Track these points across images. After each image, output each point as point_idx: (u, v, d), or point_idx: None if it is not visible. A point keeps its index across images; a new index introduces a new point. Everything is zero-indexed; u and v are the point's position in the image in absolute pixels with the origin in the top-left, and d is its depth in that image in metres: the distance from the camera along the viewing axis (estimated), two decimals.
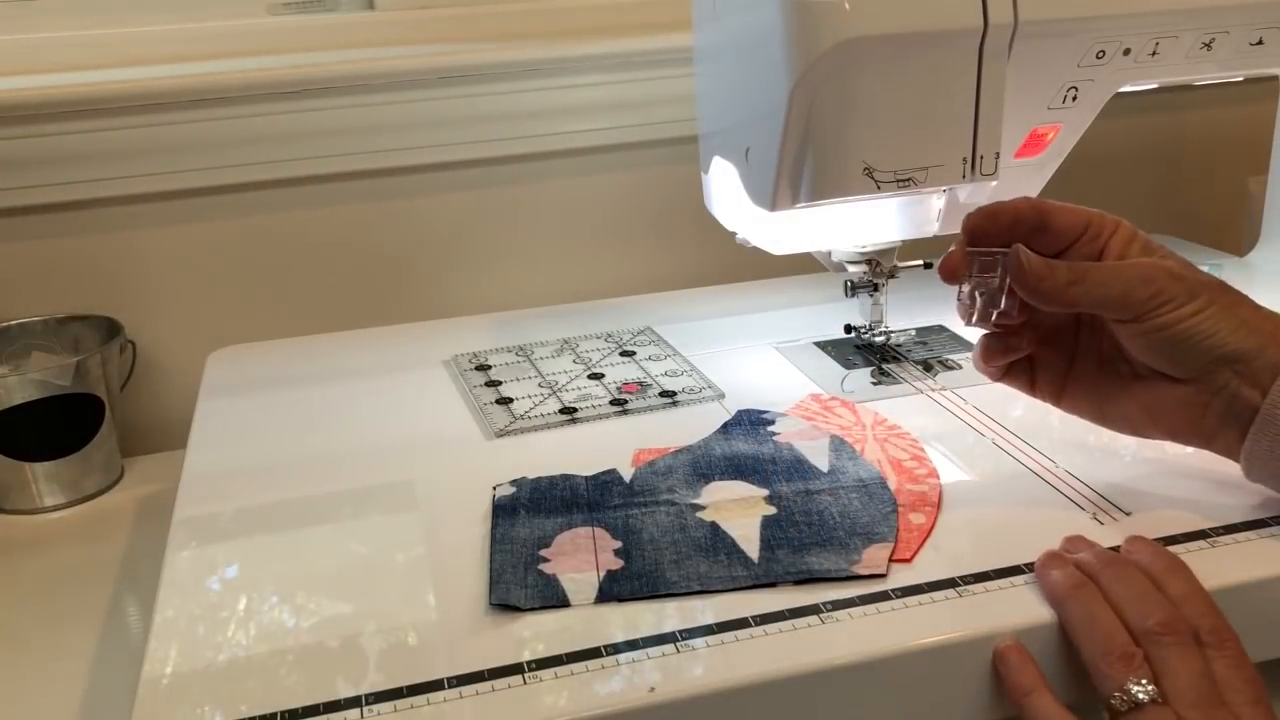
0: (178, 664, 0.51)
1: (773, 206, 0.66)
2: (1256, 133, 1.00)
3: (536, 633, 0.52)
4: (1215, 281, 0.57)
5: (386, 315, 0.97)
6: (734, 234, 0.76)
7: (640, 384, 0.78)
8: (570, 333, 0.87)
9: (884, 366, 0.79)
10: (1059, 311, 0.59)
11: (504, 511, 0.61)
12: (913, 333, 0.83)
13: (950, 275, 0.60)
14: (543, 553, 0.57)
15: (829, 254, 0.77)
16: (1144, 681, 0.47)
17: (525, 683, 0.48)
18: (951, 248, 0.61)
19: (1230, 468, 0.58)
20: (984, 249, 0.60)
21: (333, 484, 0.67)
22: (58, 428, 0.85)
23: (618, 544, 0.58)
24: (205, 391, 0.81)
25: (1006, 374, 0.63)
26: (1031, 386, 0.63)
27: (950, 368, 0.78)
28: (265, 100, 0.91)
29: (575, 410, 0.74)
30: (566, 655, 0.50)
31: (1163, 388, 0.58)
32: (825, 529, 0.58)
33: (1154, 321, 0.56)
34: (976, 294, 0.60)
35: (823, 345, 0.83)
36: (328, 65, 0.92)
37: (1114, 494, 0.61)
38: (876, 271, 0.76)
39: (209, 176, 0.93)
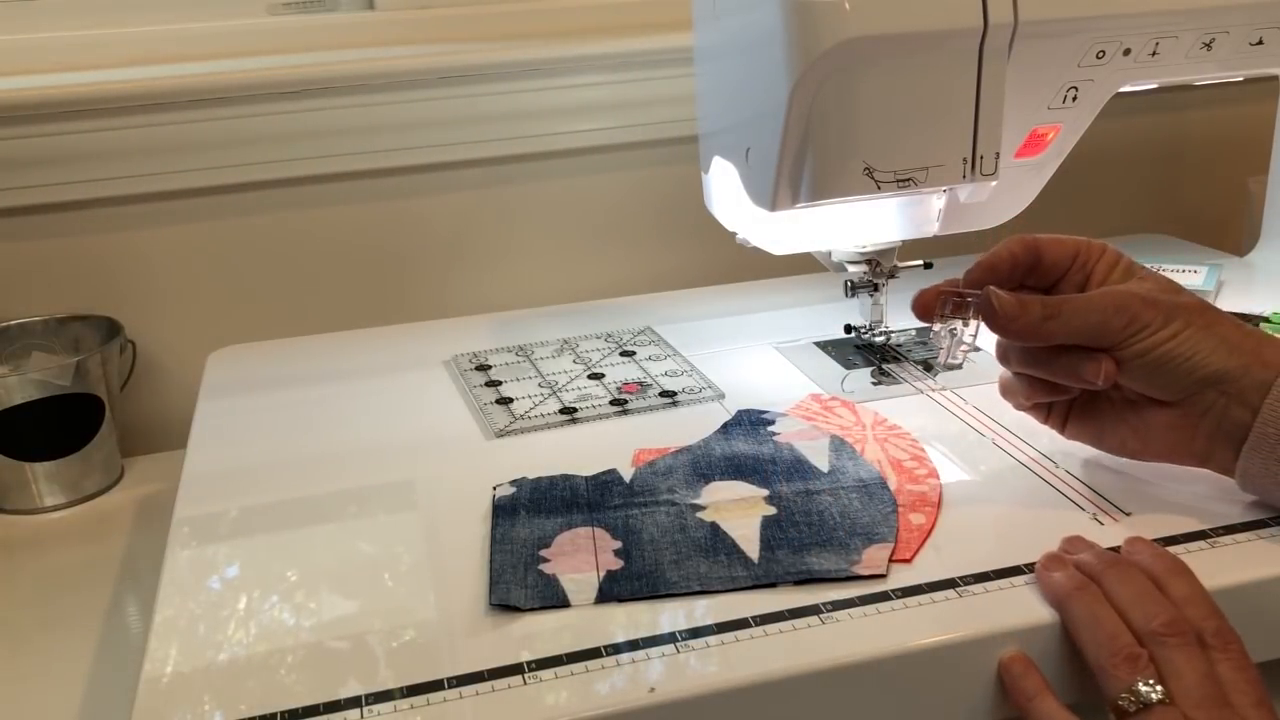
0: (178, 664, 0.51)
1: (773, 206, 0.66)
2: (1256, 133, 1.00)
3: (536, 633, 0.52)
4: (1195, 302, 0.57)
5: (387, 315, 0.97)
6: (734, 234, 0.76)
7: (640, 384, 0.77)
8: (570, 333, 0.87)
9: (884, 366, 0.79)
10: (1038, 345, 0.59)
11: (504, 511, 0.61)
12: (913, 333, 0.83)
13: (923, 313, 0.62)
14: (543, 553, 0.57)
15: (829, 254, 0.77)
16: (1152, 681, 0.47)
17: (525, 683, 0.48)
18: (925, 286, 0.62)
19: None
20: (956, 290, 0.60)
21: (333, 484, 0.67)
22: (58, 428, 0.85)
23: (618, 544, 0.58)
24: (205, 391, 0.81)
25: (1031, 407, 0.64)
26: (1046, 416, 0.64)
27: (950, 368, 0.78)
28: (265, 100, 0.91)
29: (575, 410, 0.74)
30: (566, 655, 0.50)
31: (1152, 413, 0.58)
32: (825, 529, 0.58)
33: (1132, 348, 0.56)
34: (949, 334, 0.61)
35: (823, 345, 0.83)
36: (328, 65, 0.92)
37: (1114, 494, 0.61)
38: (876, 271, 0.76)
39: (209, 176, 0.93)
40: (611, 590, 0.54)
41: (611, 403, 0.75)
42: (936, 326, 0.62)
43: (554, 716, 0.47)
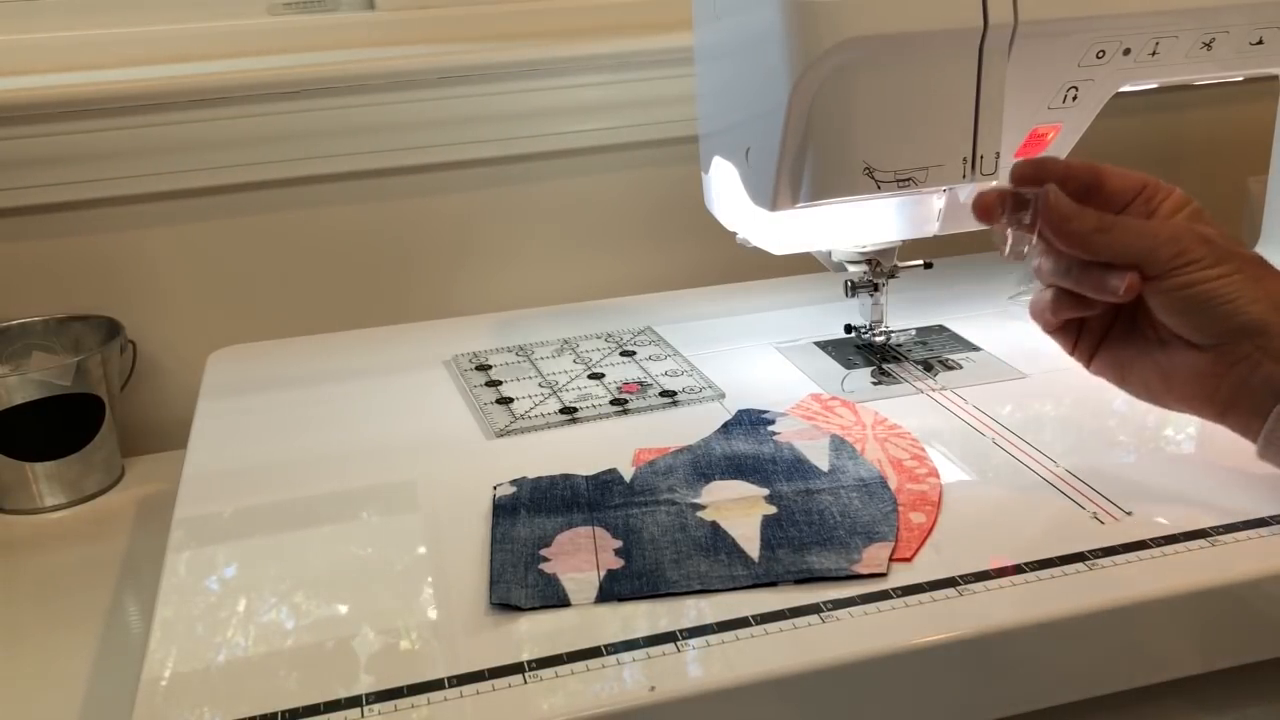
0: (178, 664, 0.51)
1: (773, 206, 0.66)
2: (1256, 133, 1.00)
3: (536, 633, 0.52)
4: (1250, 254, 0.57)
5: (387, 315, 0.97)
6: (734, 234, 0.76)
7: (640, 384, 0.77)
8: (570, 333, 0.87)
9: (884, 366, 0.79)
10: (1084, 257, 0.59)
11: (504, 511, 0.61)
12: (913, 333, 0.83)
13: (984, 214, 0.61)
14: (543, 552, 0.57)
15: (829, 254, 0.77)
16: None
17: (525, 683, 0.48)
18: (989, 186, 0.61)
19: (1230, 466, 0.58)
20: (1019, 189, 0.60)
21: (333, 484, 0.67)
22: (58, 428, 0.85)
23: (618, 543, 0.58)
24: (205, 391, 0.81)
25: (1059, 329, 0.63)
26: (1073, 346, 0.63)
27: (950, 368, 0.78)
28: (265, 100, 0.91)
29: (575, 410, 0.74)
30: (566, 655, 0.50)
31: (1182, 354, 0.58)
32: (825, 528, 0.58)
33: (1175, 279, 0.56)
34: (1009, 231, 0.61)
35: (823, 345, 0.83)
36: (328, 65, 0.92)
37: (1114, 493, 0.61)
38: (876, 271, 0.76)
39: (209, 176, 0.93)
40: (612, 589, 0.54)
41: (612, 402, 0.75)
42: (998, 225, 0.62)
43: (554, 716, 0.47)
